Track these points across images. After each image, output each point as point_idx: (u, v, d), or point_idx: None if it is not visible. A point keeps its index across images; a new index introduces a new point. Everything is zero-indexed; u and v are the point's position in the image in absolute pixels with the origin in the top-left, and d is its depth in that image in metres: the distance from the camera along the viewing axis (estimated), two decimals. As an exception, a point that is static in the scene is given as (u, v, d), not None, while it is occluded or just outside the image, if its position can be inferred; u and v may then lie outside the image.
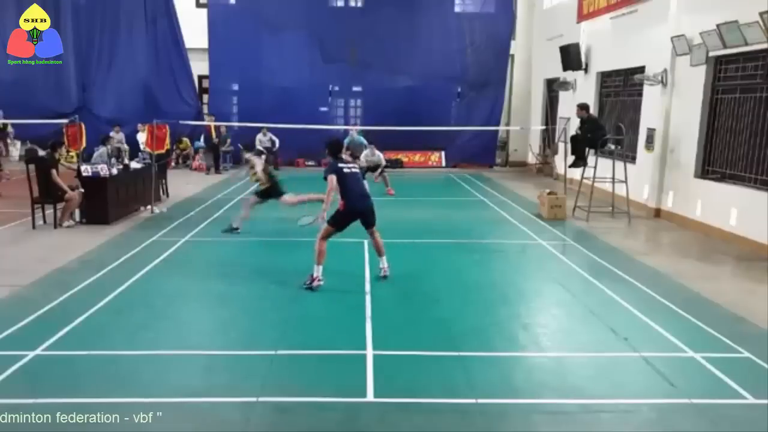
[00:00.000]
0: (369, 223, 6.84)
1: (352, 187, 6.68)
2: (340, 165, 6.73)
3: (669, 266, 7.82)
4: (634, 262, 8.02)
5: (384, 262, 6.99)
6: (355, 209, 6.67)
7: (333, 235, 6.72)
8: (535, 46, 19.06)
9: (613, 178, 10.86)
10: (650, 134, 11.57)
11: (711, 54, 9.85)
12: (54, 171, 9.44)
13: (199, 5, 18.84)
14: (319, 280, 6.55)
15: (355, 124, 15.08)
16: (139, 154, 15.63)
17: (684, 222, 10.42)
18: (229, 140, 17.72)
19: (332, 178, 6.60)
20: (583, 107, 11.66)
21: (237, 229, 9.21)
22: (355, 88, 19.59)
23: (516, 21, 19.15)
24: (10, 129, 16.64)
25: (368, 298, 6.35)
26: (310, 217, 7.12)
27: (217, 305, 6.30)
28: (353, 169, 6.89)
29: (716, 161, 10.11)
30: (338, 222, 6.68)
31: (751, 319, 5.93)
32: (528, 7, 19.33)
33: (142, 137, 16.87)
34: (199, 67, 18.62)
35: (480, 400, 4.24)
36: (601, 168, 11.11)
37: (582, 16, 14.70)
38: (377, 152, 13.51)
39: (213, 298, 6.53)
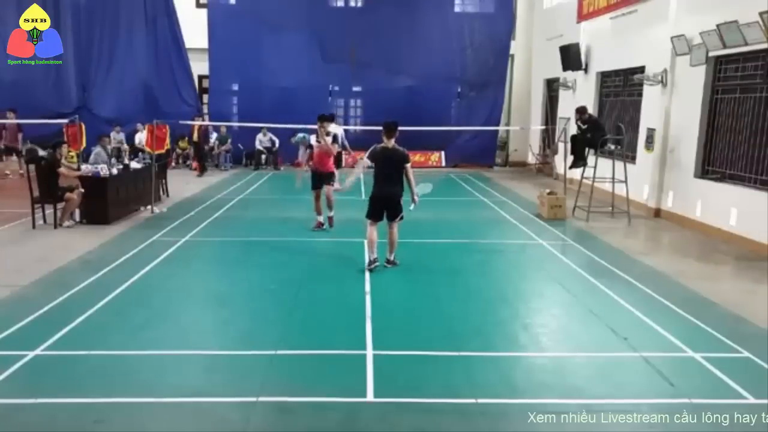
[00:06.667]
0: None
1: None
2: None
3: (669, 266, 7.82)
4: (634, 262, 8.02)
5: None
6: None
7: None
8: (535, 46, 19.06)
9: (613, 178, 10.86)
10: (650, 134, 11.58)
11: (711, 54, 9.85)
12: (61, 168, 9.57)
13: (199, 5, 18.85)
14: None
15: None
16: (140, 154, 15.61)
17: (684, 222, 10.42)
18: (229, 140, 17.73)
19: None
20: (580, 111, 11.69)
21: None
22: (355, 88, 19.58)
23: (516, 21, 19.14)
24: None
25: (368, 298, 6.34)
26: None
27: (217, 305, 6.30)
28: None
29: (716, 161, 10.10)
30: None
31: (751, 319, 5.93)
32: (528, 7, 19.32)
33: (138, 138, 16.80)
34: (199, 67, 18.59)
35: (480, 400, 4.24)
36: (601, 168, 11.11)
37: (582, 16, 14.71)
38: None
39: (213, 298, 6.53)
